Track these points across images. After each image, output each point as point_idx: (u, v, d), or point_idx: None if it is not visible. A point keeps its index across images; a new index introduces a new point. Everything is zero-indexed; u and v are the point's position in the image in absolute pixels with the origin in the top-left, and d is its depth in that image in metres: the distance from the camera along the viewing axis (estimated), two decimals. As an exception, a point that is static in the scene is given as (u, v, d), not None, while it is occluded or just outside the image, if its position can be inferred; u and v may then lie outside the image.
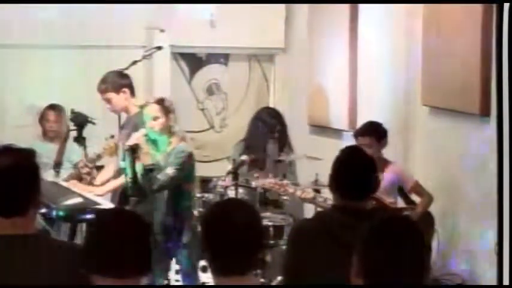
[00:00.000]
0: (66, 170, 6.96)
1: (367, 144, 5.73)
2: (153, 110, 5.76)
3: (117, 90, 6.19)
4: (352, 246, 2.58)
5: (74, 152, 7.12)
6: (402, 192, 6.08)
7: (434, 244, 5.71)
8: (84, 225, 5.79)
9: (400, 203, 6.07)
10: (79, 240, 5.59)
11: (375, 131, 5.94)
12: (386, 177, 5.82)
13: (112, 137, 6.20)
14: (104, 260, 2.63)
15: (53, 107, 7.32)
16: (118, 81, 6.22)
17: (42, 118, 7.34)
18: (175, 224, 5.79)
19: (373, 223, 2.57)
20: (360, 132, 5.98)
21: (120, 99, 6.19)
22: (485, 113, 5.53)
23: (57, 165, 7.06)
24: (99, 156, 6.38)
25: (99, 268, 2.64)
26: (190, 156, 5.80)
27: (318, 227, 3.64)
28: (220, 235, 2.78)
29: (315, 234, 3.62)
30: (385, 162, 5.96)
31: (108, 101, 6.21)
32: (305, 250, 3.62)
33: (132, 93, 6.27)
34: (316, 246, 3.58)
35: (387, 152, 6.03)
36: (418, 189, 6.00)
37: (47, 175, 6.51)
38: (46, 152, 6.84)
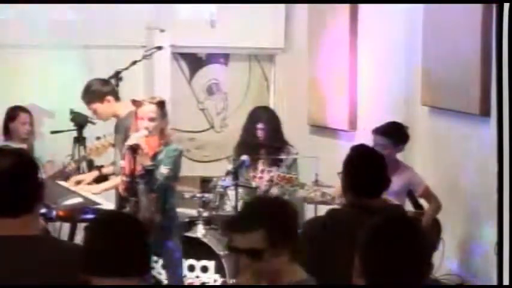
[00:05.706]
0: None
1: (382, 144, 5.63)
2: (151, 111, 5.72)
3: (102, 99, 6.16)
4: None
5: (43, 152, 7.10)
6: (412, 195, 5.97)
7: (438, 252, 5.67)
8: (83, 225, 5.79)
9: (408, 207, 5.98)
10: (79, 240, 5.60)
11: (393, 134, 5.79)
12: (398, 179, 5.58)
13: (98, 138, 6.18)
14: (104, 262, 2.63)
15: (24, 109, 7.20)
16: (101, 90, 6.18)
17: (15, 120, 7.16)
18: (164, 221, 5.81)
19: (373, 223, 2.57)
20: (378, 131, 5.79)
21: (105, 108, 6.18)
22: (485, 113, 5.53)
23: None
24: (84, 157, 6.39)
25: (99, 269, 2.64)
26: (180, 155, 5.85)
27: (331, 224, 3.68)
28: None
29: (327, 231, 3.68)
30: (398, 165, 5.83)
31: (94, 111, 6.20)
32: (317, 247, 3.67)
33: (116, 98, 6.25)
34: (329, 243, 3.63)
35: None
36: (428, 195, 5.91)
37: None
38: None
